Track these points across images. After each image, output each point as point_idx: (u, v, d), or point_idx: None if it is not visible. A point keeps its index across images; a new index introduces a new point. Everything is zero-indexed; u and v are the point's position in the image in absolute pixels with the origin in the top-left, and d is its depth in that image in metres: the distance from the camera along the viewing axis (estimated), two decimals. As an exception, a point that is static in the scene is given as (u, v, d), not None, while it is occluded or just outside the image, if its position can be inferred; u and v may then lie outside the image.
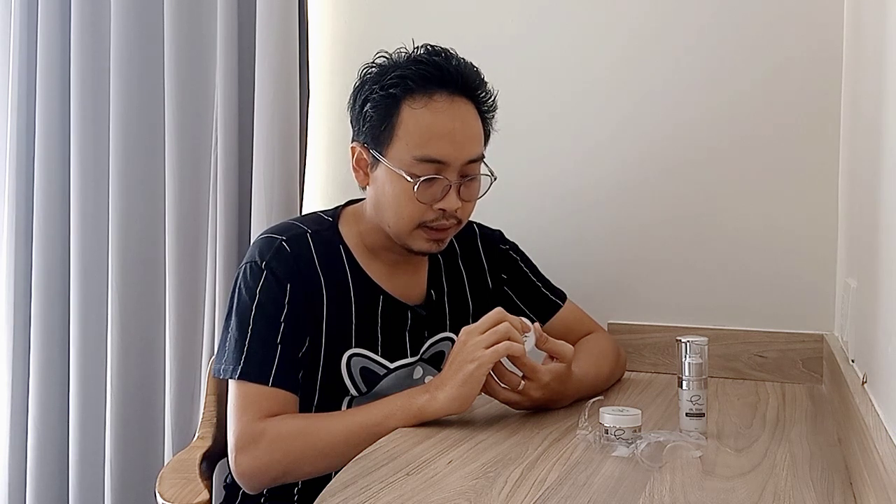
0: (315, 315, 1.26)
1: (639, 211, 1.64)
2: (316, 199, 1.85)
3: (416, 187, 1.22)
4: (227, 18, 1.77)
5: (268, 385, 1.19)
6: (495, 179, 1.30)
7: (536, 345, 1.20)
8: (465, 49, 1.37)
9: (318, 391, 1.28)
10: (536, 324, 1.21)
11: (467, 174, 1.26)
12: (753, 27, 1.56)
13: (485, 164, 1.30)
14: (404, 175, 1.22)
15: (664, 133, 1.62)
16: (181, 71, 1.83)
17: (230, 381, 1.22)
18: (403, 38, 1.32)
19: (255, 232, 1.73)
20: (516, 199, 1.67)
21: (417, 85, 1.23)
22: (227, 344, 1.23)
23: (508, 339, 1.13)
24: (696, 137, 1.60)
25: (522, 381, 1.19)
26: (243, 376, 1.20)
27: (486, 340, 1.13)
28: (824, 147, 1.53)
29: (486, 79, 1.30)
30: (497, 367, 1.16)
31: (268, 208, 1.72)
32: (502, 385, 1.18)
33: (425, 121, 1.22)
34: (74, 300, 1.93)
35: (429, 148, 1.22)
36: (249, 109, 1.79)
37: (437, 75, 1.24)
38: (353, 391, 1.29)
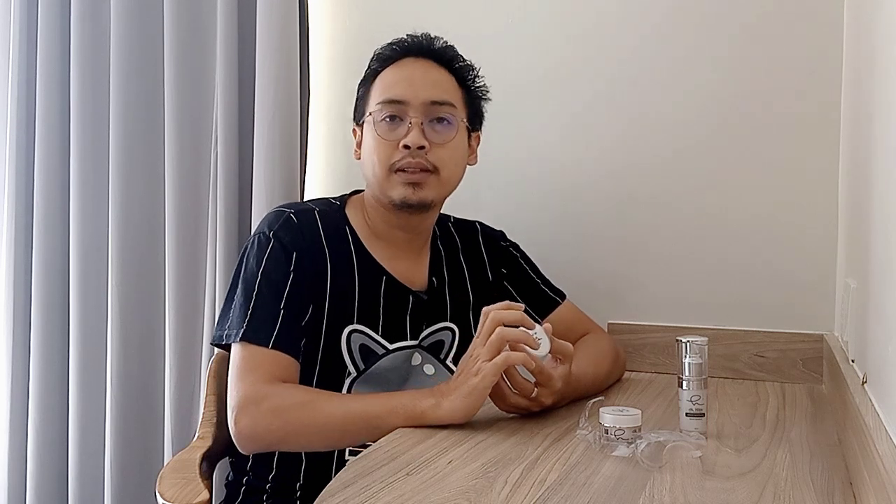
0: (319, 287, 1.29)
1: (639, 211, 1.64)
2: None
3: (379, 128, 1.31)
4: (227, 18, 1.77)
5: (268, 347, 1.21)
6: (469, 127, 1.37)
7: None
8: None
9: (319, 365, 1.30)
10: (548, 325, 1.20)
11: (433, 116, 1.32)
12: (754, 26, 1.56)
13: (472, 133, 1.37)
14: (371, 120, 1.33)
15: (663, 133, 1.62)
16: (181, 71, 1.83)
17: (232, 344, 1.24)
18: (403, 38, 1.32)
19: (255, 232, 1.73)
20: (516, 198, 1.67)
21: (393, 55, 1.36)
22: (232, 311, 1.26)
23: (509, 347, 1.13)
24: (696, 137, 1.60)
25: (535, 389, 1.19)
26: (245, 338, 1.22)
27: (486, 353, 1.13)
28: (824, 147, 1.53)
29: (465, 57, 1.38)
30: (511, 374, 1.16)
31: (268, 208, 1.71)
32: (514, 391, 1.18)
33: (389, 74, 1.35)
34: (74, 299, 1.93)
35: (389, 92, 1.33)
36: (249, 109, 1.79)
37: (408, 44, 1.37)
38: (351, 368, 1.31)
